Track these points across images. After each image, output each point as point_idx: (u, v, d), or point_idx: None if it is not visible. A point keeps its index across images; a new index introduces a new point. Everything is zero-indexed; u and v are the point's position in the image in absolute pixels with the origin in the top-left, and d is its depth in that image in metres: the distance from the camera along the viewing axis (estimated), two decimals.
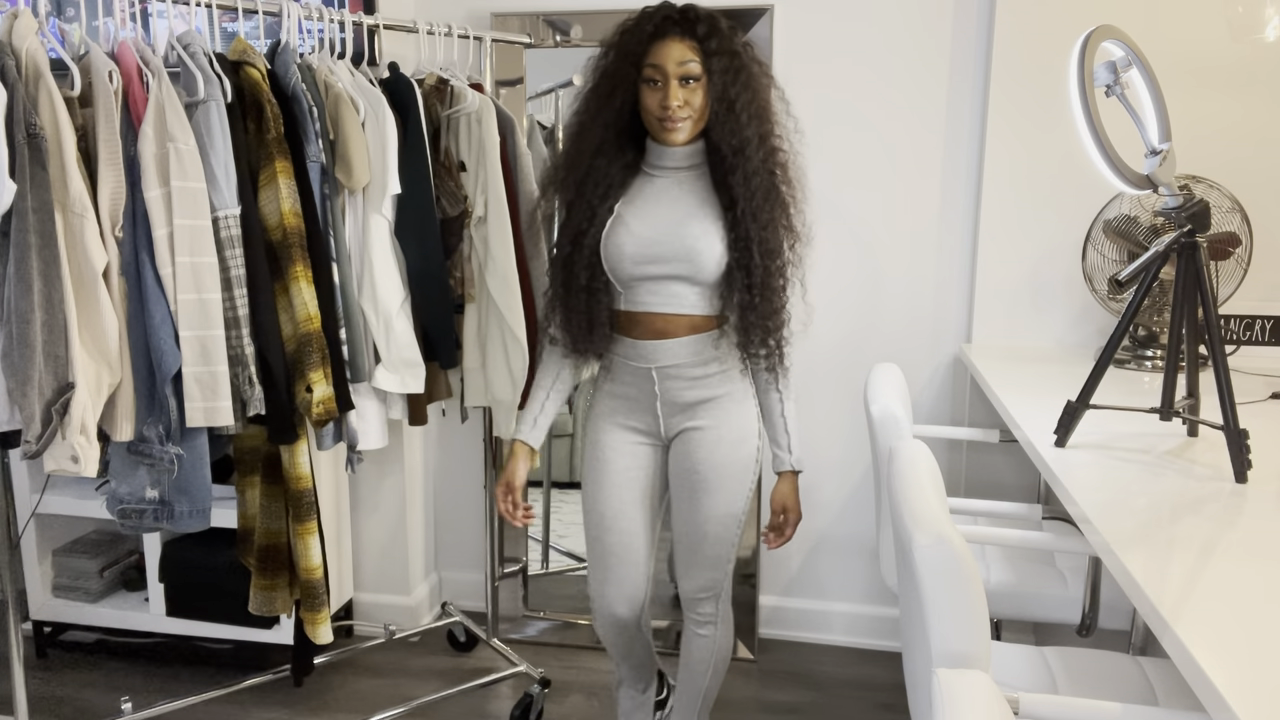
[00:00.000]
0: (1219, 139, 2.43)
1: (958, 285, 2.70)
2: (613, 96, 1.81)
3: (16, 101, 1.59)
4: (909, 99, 2.63)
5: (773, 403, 1.96)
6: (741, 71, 1.80)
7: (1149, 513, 1.42)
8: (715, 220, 1.83)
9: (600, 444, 1.98)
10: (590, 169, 1.85)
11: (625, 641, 2.09)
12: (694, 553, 1.98)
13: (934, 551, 1.21)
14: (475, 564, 3.11)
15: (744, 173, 1.80)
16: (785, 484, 1.96)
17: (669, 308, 1.87)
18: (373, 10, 2.66)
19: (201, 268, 1.83)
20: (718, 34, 1.78)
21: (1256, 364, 2.43)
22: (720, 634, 2.07)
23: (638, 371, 1.92)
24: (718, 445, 1.92)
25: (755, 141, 1.80)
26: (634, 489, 1.97)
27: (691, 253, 1.82)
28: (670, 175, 1.88)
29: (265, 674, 2.59)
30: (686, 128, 1.80)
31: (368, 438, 2.23)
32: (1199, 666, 0.99)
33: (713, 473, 1.93)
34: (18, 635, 1.93)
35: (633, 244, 1.84)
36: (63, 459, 1.71)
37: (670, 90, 1.77)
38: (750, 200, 1.80)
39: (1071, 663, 1.67)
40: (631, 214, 1.85)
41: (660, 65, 1.77)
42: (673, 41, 1.77)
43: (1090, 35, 1.67)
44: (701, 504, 1.94)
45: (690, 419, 1.93)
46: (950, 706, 1.01)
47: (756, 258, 1.81)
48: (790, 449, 1.96)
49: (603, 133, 1.84)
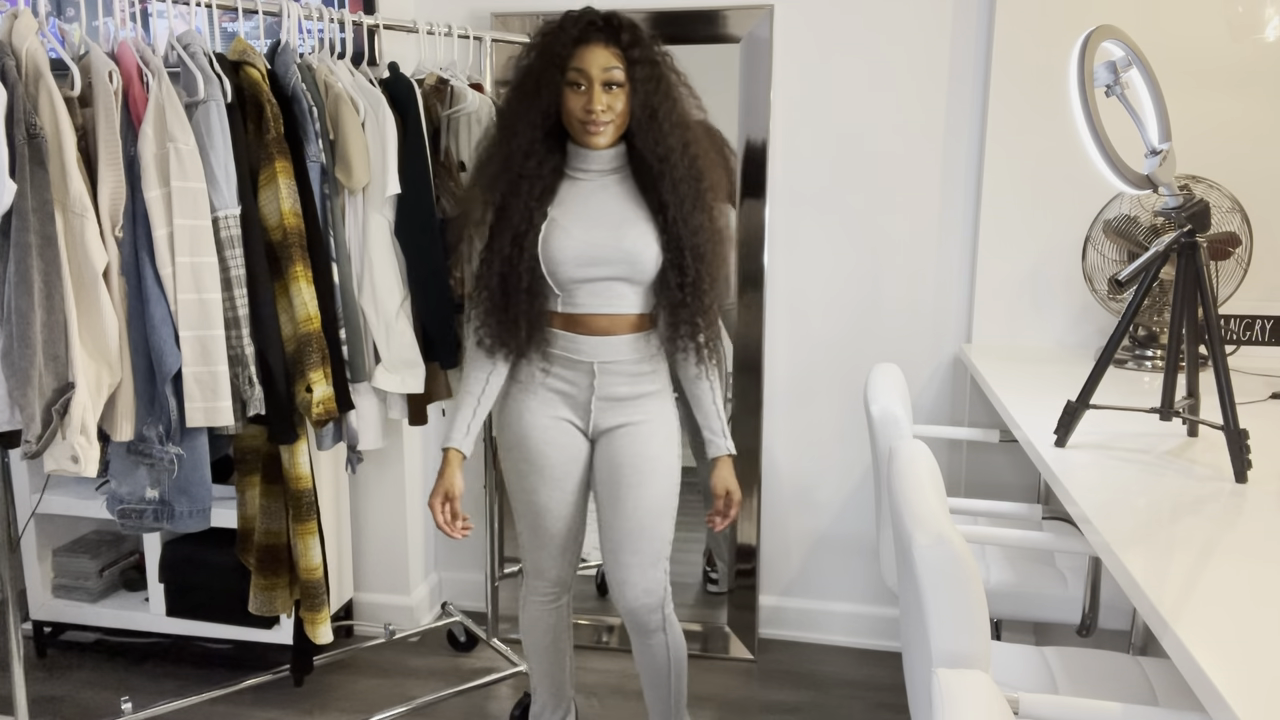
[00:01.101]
0: (1219, 139, 2.43)
1: (958, 285, 2.70)
2: (539, 95, 1.85)
3: (16, 101, 1.59)
4: (909, 98, 2.63)
5: (703, 392, 2.01)
6: (662, 80, 1.86)
7: (1149, 513, 1.42)
8: (649, 223, 1.89)
9: (534, 436, 1.98)
10: (522, 172, 1.87)
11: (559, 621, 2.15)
12: (631, 553, 1.98)
13: (934, 551, 1.21)
14: (475, 564, 3.11)
15: (671, 180, 1.86)
16: (724, 468, 2.02)
17: (611, 308, 1.92)
18: (373, 10, 2.67)
19: (201, 268, 1.83)
20: (640, 43, 1.84)
21: (1256, 364, 2.43)
22: (672, 637, 2.07)
23: (578, 366, 1.95)
24: (650, 439, 1.98)
25: (679, 149, 1.87)
26: (571, 479, 2.02)
27: (631, 255, 1.88)
28: (596, 179, 1.92)
29: (265, 674, 2.59)
30: (609, 132, 1.85)
31: (367, 438, 2.23)
32: (1199, 666, 0.99)
33: (647, 465, 1.97)
34: (18, 635, 1.93)
35: (574, 247, 1.87)
36: (63, 459, 1.71)
37: (595, 94, 1.81)
38: (680, 207, 1.87)
39: (1071, 663, 1.67)
40: (566, 218, 1.88)
41: (584, 70, 1.81)
42: (597, 47, 1.81)
43: (1090, 35, 1.67)
44: (637, 498, 1.97)
45: (621, 415, 1.98)
46: (950, 706, 1.01)
47: (688, 260, 1.88)
48: (724, 434, 2.02)
49: (531, 133, 1.86)
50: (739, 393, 2.79)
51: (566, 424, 2.00)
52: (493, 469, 2.76)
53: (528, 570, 2.12)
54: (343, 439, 2.18)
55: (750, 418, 2.80)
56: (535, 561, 2.09)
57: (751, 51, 2.66)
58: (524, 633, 2.20)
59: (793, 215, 2.74)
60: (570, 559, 2.11)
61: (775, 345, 2.82)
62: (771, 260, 2.76)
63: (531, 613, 2.15)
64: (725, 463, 2.02)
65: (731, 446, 2.02)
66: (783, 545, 2.92)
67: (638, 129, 1.86)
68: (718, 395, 2.02)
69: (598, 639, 2.93)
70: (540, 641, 2.18)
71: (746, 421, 2.80)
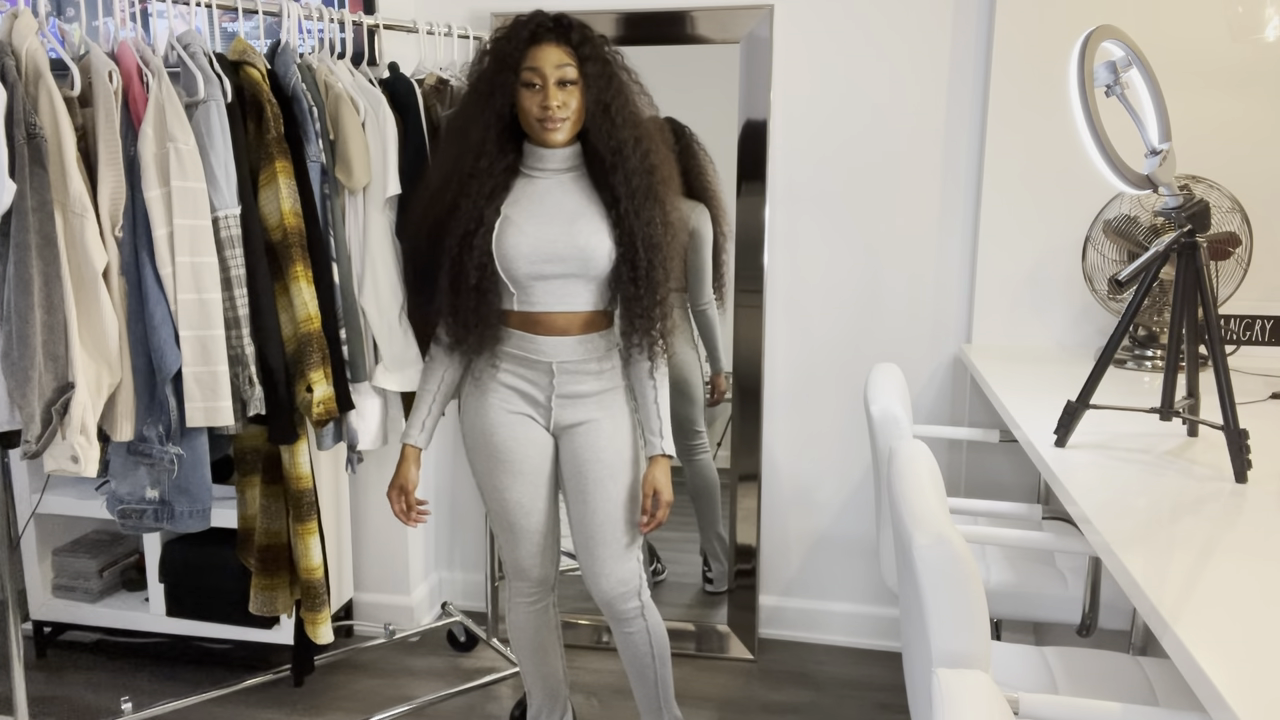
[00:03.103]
0: (1219, 139, 2.43)
1: (958, 285, 2.70)
2: (492, 98, 1.88)
3: (16, 101, 1.59)
4: (909, 99, 2.63)
5: (646, 389, 2.02)
6: (614, 78, 1.90)
7: (1149, 513, 1.42)
8: (602, 219, 1.92)
9: (498, 433, 2.00)
10: (474, 170, 1.90)
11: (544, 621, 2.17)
12: (603, 546, 2.02)
13: (934, 551, 1.21)
14: (475, 564, 3.11)
15: (624, 172, 1.89)
16: (657, 468, 2.01)
17: (566, 305, 1.94)
18: (373, 10, 2.67)
19: (201, 267, 1.83)
20: (590, 41, 1.88)
21: (1256, 364, 2.43)
22: (651, 624, 2.10)
23: (536, 365, 1.97)
24: (613, 434, 2.01)
25: (631, 143, 1.90)
26: (540, 473, 2.04)
27: (584, 251, 1.90)
28: (552, 177, 1.94)
29: (265, 674, 2.59)
30: (566, 128, 1.88)
31: (368, 437, 2.23)
32: (1199, 666, 0.99)
33: (616, 457, 2.00)
34: (18, 635, 1.93)
35: (527, 244, 1.90)
36: (63, 459, 1.71)
37: (549, 91, 1.85)
38: (632, 199, 1.90)
39: (1071, 663, 1.67)
40: (520, 215, 1.91)
41: (538, 68, 1.85)
42: (549, 46, 1.85)
43: (1090, 35, 1.67)
44: (605, 492, 2.00)
45: (581, 412, 2.00)
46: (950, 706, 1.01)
47: (641, 252, 1.91)
48: (662, 434, 2.02)
49: (483, 133, 1.89)
50: (739, 392, 2.79)
51: (528, 419, 2.01)
52: None
53: (509, 572, 2.14)
54: (343, 439, 2.18)
55: (750, 418, 2.80)
56: (515, 562, 2.11)
57: (751, 51, 2.66)
58: (512, 636, 2.22)
59: (793, 215, 2.74)
60: (550, 557, 2.13)
61: (775, 345, 2.82)
62: (771, 260, 2.76)
63: (517, 615, 2.18)
64: (660, 463, 2.01)
65: (669, 447, 2.01)
66: (783, 545, 2.92)
67: (591, 125, 1.90)
68: (660, 393, 2.02)
69: (597, 639, 2.93)
70: (529, 644, 2.20)
71: (746, 421, 2.80)
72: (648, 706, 2.16)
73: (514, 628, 2.19)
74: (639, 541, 2.07)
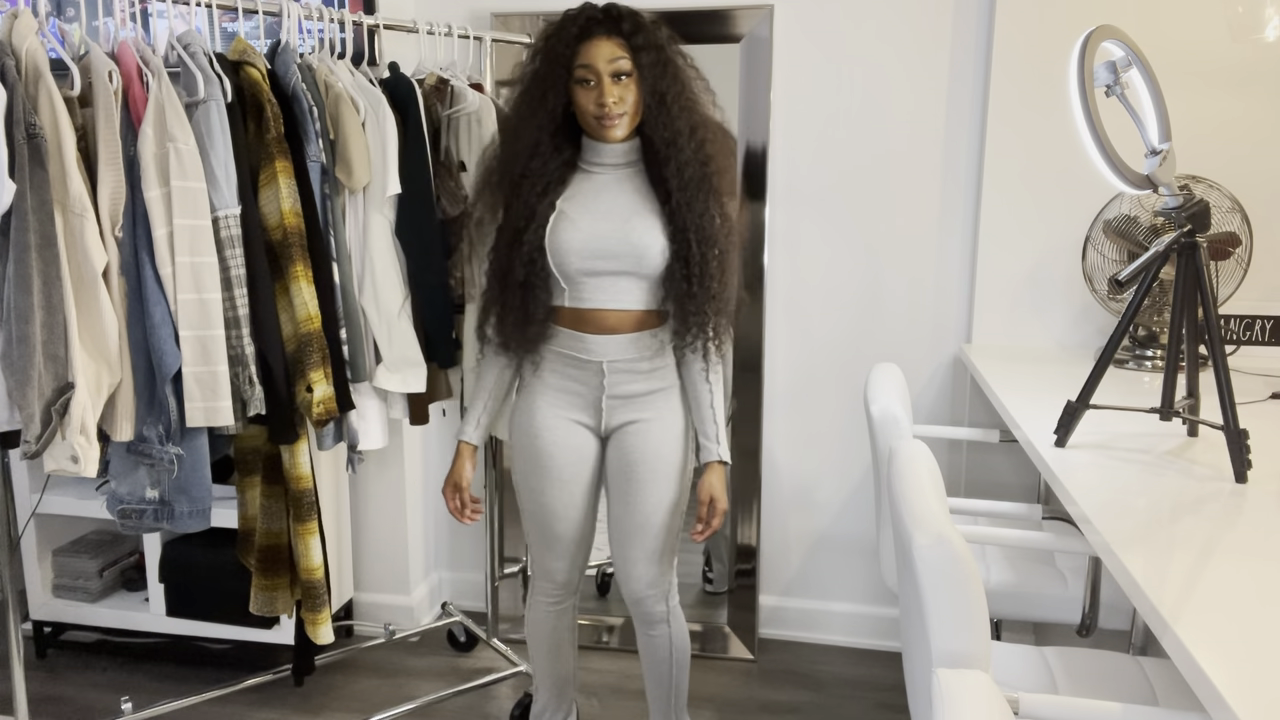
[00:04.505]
0: (1219, 139, 2.43)
1: (958, 285, 2.70)
2: (545, 99, 1.84)
3: (16, 101, 1.59)
4: (909, 99, 2.63)
5: (702, 393, 1.98)
6: (669, 65, 1.84)
7: (1149, 513, 1.42)
8: (656, 215, 1.87)
9: (542, 436, 1.98)
10: (526, 169, 1.87)
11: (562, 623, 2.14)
12: (639, 547, 1.99)
13: (934, 551, 1.21)
14: (475, 564, 3.11)
15: (677, 164, 1.84)
16: (713, 475, 1.97)
17: (617, 304, 1.90)
18: (373, 10, 2.66)
19: (201, 267, 1.83)
20: (643, 29, 1.82)
21: (1256, 364, 2.43)
22: (675, 630, 2.08)
23: (586, 365, 1.94)
24: (663, 437, 1.96)
25: (686, 133, 1.84)
26: (580, 481, 2.00)
27: (637, 248, 1.86)
28: (610, 172, 1.91)
29: (265, 674, 2.59)
30: (624, 123, 1.84)
31: (368, 438, 2.23)
32: (1199, 666, 0.99)
33: (659, 463, 1.96)
34: (18, 635, 1.93)
35: (580, 239, 1.86)
36: (63, 459, 1.71)
37: (604, 87, 1.80)
38: (684, 191, 1.84)
39: (1071, 663, 1.67)
40: (575, 210, 1.88)
41: (591, 65, 1.80)
42: (600, 40, 1.80)
43: (1090, 35, 1.67)
44: (648, 495, 1.96)
45: (632, 412, 1.96)
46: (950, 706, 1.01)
47: (694, 246, 1.85)
48: (718, 439, 1.97)
49: (537, 134, 1.86)
50: (739, 392, 2.79)
51: (577, 424, 1.98)
52: (493, 469, 2.76)
53: (535, 571, 2.11)
54: (343, 439, 2.18)
55: (750, 418, 2.80)
56: (542, 563, 2.09)
57: (751, 51, 2.66)
58: (528, 633, 2.20)
59: (793, 215, 2.74)
60: (578, 562, 2.10)
61: (775, 345, 2.81)
62: (771, 260, 2.76)
63: (536, 614, 2.15)
64: (716, 469, 1.97)
65: (724, 453, 1.97)
66: (783, 545, 2.92)
67: (647, 115, 1.85)
68: (716, 398, 1.98)
69: (598, 639, 2.93)
70: (544, 643, 2.18)
71: (746, 421, 2.80)
72: (659, 709, 2.16)
73: (532, 625, 2.18)
74: (675, 547, 2.03)
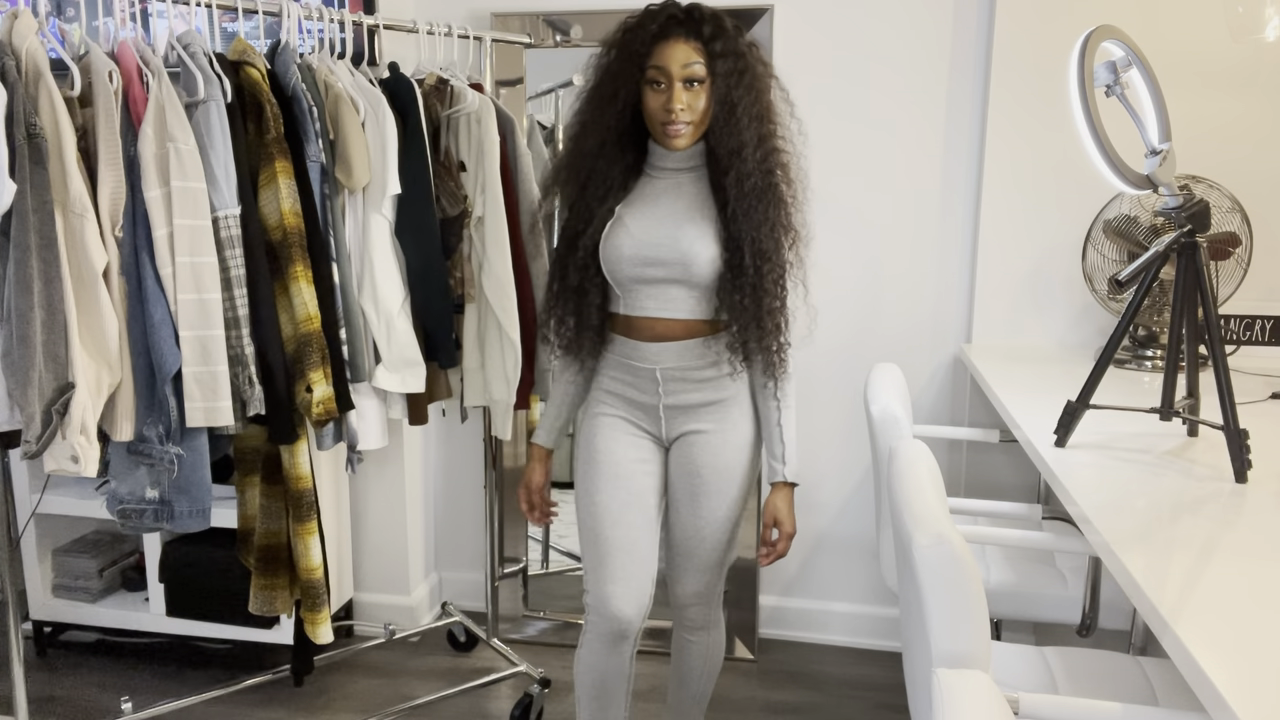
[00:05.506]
0: (1219, 139, 2.43)
1: (958, 285, 2.70)
2: (615, 97, 1.78)
3: (16, 101, 1.59)
4: (909, 99, 2.63)
5: (770, 410, 1.89)
6: (746, 73, 1.75)
7: (1149, 513, 1.42)
8: (711, 222, 1.80)
9: (600, 442, 1.92)
10: (592, 171, 1.83)
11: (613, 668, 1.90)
12: (690, 557, 1.96)
13: (934, 551, 1.21)
14: (475, 564, 3.11)
15: (738, 174, 1.76)
16: (779, 496, 1.89)
17: (665, 312, 1.83)
18: (373, 10, 2.66)
19: (201, 268, 1.83)
20: (723, 35, 1.74)
21: (1256, 364, 2.43)
22: (713, 639, 2.06)
23: (642, 373, 1.88)
24: (722, 449, 1.89)
25: (753, 144, 1.76)
26: (634, 480, 1.90)
27: (686, 256, 1.79)
28: (671, 177, 1.85)
29: (265, 674, 2.59)
30: (688, 133, 1.76)
31: (368, 438, 2.23)
32: (1199, 666, 0.99)
33: (715, 476, 1.89)
34: (18, 635, 1.93)
35: (631, 246, 1.81)
36: (63, 459, 1.71)
37: (674, 93, 1.73)
38: (742, 201, 1.76)
39: (1071, 663, 1.67)
40: (630, 215, 1.83)
41: (664, 67, 1.73)
42: (677, 42, 1.72)
43: (1090, 35, 1.67)
44: (702, 507, 1.91)
45: (693, 422, 1.89)
46: (950, 706, 1.01)
47: (747, 259, 1.77)
48: (785, 459, 1.88)
49: (604, 134, 1.81)
50: None
51: (636, 428, 1.92)
52: (492, 470, 2.76)
53: (589, 603, 1.90)
54: (343, 439, 2.18)
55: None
56: (596, 588, 1.87)
57: None
58: (576, 673, 1.96)
59: None
60: (634, 589, 1.85)
61: None
62: None
63: (587, 653, 1.91)
64: (782, 491, 1.89)
65: (791, 474, 1.88)
66: None
67: (714, 123, 1.77)
68: (785, 415, 1.88)
69: None
70: (589, 689, 1.93)
71: None
72: (678, 711, 2.14)
73: (579, 665, 1.93)
74: (728, 560, 1.97)
